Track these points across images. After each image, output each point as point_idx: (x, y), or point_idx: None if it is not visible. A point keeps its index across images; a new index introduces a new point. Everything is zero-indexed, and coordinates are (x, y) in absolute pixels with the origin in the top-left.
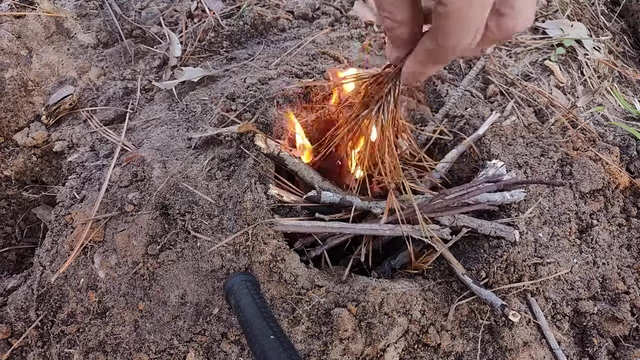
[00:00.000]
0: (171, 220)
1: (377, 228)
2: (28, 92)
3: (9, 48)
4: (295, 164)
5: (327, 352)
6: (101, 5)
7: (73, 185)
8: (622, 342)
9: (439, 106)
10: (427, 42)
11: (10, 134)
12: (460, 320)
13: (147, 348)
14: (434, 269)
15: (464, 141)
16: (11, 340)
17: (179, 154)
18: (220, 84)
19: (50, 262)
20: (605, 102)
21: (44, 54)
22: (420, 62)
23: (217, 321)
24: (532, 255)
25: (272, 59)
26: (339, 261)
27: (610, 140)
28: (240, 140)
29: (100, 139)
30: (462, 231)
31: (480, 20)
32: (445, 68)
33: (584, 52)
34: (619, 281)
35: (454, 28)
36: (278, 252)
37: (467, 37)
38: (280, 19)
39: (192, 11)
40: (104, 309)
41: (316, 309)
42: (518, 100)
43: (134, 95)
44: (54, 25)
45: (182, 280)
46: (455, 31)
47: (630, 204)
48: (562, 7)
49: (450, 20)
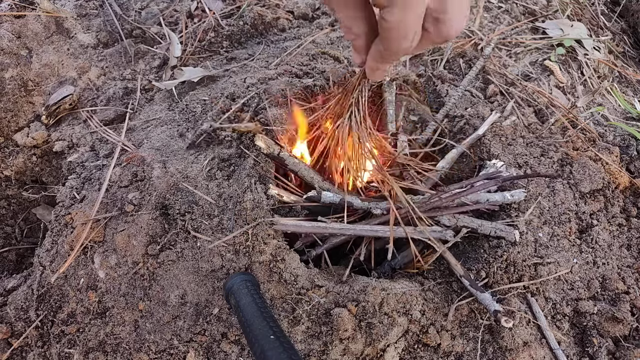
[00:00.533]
0: (171, 220)
1: (378, 229)
2: (28, 92)
3: (9, 48)
4: (295, 164)
5: (327, 352)
6: (101, 5)
7: (73, 185)
8: (622, 342)
9: (439, 106)
10: (378, 45)
11: (10, 134)
12: (460, 320)
13: (147, 348)
14: (434, 269)
15: (463, 141)
16: (11, 340)
17: (179, 154)
18: (220, 84)
19: (50, 262)
20: (605, 102)
21: (44, 54)
22: (375, 60)
23: (217, 321)
24: (532, 255)
25: (272, 59)
26: (339, 261)
27: (610, 140)
28: (240, 140)
29: (100, 139)
30: (462, 231)
31: (416, 27)
32: (445, 68)
33: (584, 52)
34: (619, 281)
35: (395, 37)
36: (278, 252)
37: (406, 42)
38: (280, 19)
39: (192, 11)
40: (104, 309)
41: (316, 309)
42: (518, 100)
43: (134, 95)
44: (54, 25)
45: (182, 280)
46: (396, 39)
47: (630, 204)
48: (562, 7)
49: (391, 32)
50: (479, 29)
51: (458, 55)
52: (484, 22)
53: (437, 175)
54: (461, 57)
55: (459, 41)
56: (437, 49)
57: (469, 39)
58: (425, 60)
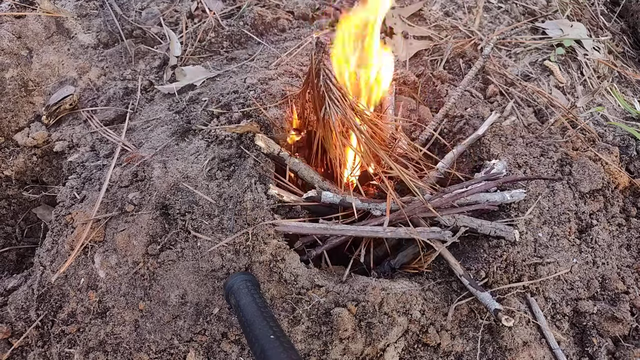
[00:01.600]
0: (171, 220)
1: (378, 230)
2: (28, 92)
3: (9, 48)
4: (295, 164)
5: (327, 351)
6: (101, 5)
7: (73, 185)
8: (622, 342)
9: (439, 106)
10: None
11: (11, 134)
12: (460, 320)
13: (148, 348)
14: (434, 269)
15: (463, 141)
16: (11, 340)
17: (179, 154)
18: (221, 84)
19: (51, 262)
20: (605, 102)
21: (44, 54)
22: None
23: (217, 321)
24: (532, 255)
25: (272, 59)
26: (339, 261)
27: (610, 140)
28: (240, 140)
29: (101, 139)
30: (461, 230)
31: None
32: (444, 68)
33: (584, 52)
34: (618, 281)
35: None
36: (278, 252)
37: None
38: (280, 19)
39: (193, 11)
40: (105, 309)
41: (316, 308)
42: (518, 101)
43: (134, 95)
44: (54, 25)
45: (182, 280)
46: None
47: (629, 204)
48: (561, 7)
49: None
50: (479, 29)
51: (458, 55)
52: (484, 22)
53: (436, 175)
54: (461, 57)
55: (458, 41)
56: (437, 49)
57: (468, 39)
58: (425, 61)
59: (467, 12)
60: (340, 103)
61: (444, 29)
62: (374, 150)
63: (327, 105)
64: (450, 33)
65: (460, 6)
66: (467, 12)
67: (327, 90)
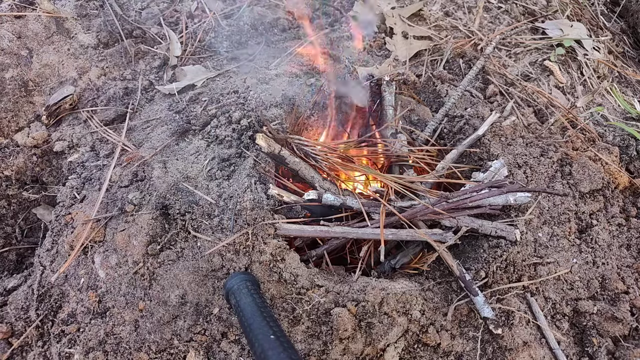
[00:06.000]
0: (171, 220)
1: (379, 232)
2: (28, 92)
3: (9, 48)
4: (296, 163)
5: (327, 351)
6: (101, 5)
7: (73, 185)
8: (622, 342)
9: (439, 106)
10: None
11: (11, 134)
12: (459, 319)
13: (147, 348)
14: (434, 269)
15: (463, 141)
16: (11, 340)
17: (179, 154)
18: (221, 84)
19: (51, 262)
20: (605, 102)
21: (44, 54)
22: None
23: (217, 321)
24: (532, 255)
25: (272, 59)
26: (339, 261)
27: (610, 140)
28: (240, 140)
29: (101, 139)
30: (462, 230)
31: None
32: (444, 68)
33: (584, 52)
34: (618, 281)
35: None
36: (278, 252)
37: None
38: (280, 19)
39: (192, 11)
40: (104, 309)
41: (316, 308)
42: (518, 101)
43: (134, 95)
44: (54, 25)
45: (182, 280)
46: None
47: (629, 204)
48: (561, 7)
49: None
50: (479, 29)
51: (458, 55)
52: (484, 22)
53: (435, 176)
54: (461, 57)
55: (459, 41)
56: (437, 49)
57: (468, 39)
58: (425, 61)
59: (467, 12)
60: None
61: (444, 29)
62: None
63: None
64: (450, 33)
65: (460, 6)
66: (467, 12)
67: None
